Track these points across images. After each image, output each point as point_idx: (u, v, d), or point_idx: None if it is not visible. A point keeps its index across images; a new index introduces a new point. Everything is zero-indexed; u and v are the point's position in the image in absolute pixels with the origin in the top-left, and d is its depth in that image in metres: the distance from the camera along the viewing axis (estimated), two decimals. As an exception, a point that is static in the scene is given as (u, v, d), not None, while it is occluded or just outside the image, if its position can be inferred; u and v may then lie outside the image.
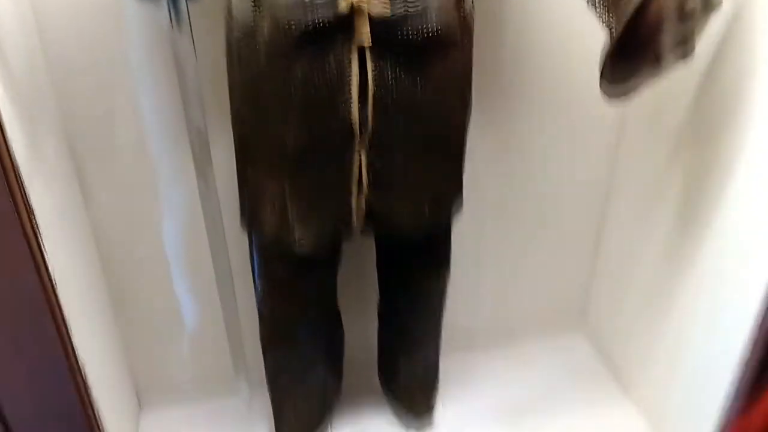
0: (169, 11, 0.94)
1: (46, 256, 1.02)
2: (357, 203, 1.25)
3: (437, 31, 1.12)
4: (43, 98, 1.28)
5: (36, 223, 1.01)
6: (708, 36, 1.17)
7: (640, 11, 1.05)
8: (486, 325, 1.96)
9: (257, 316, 1.51)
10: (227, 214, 1.36)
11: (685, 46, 1.12)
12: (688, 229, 1.46)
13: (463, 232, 1.66)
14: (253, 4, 1.11)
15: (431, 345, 1.66)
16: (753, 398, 1.24)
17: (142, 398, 1.79)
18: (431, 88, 1.17)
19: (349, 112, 1.14)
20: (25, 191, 0.98)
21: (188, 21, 0.97)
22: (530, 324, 2.00)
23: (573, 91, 1.59)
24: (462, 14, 1.19)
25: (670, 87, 1.34)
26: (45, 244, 1.02)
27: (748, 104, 1.23)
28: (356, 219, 1.27)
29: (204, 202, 1.26)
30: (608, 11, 1.13)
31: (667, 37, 1.09)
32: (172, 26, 0.97)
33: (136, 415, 1.76)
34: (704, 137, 1.38)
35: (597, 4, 1.15)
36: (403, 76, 1.14)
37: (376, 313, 1.65)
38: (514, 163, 1.70)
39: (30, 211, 0.99)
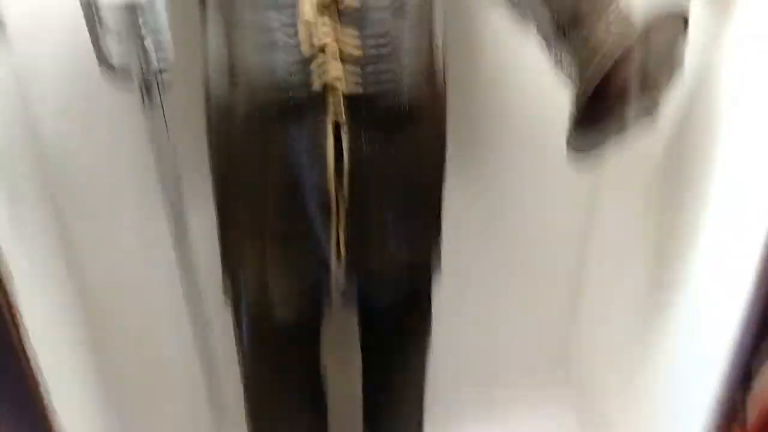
0: (142, 95, 0.98)
1: (21, 327, 1.03)
2: (336, 270, 1.26)
3: (410, 104, 1.16)
4: (26, 170, 1.32)
5: (12, 295, 1.02)
6: (674, 99, 1.20)
7: (604, 79, 1.07)
8: (468, 391, 1.95)
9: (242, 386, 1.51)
10: (211, 286, 1.38)
11: (649, 110, 1.15)
12: (661, 286, 1.48)
13: (441, 297, 1.67)
14: (229, 80, 1.15)
15: (414, 416, 1.65)
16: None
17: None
18: (405, 160, 1.21)
19: (326, 185, 1.16)
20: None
21: (161, 105, 1.00)
22: (513, 386, 1.99)
23: (549, 149, 1.58)
24: (434, 85, 1.22)
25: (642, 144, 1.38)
26: (23, 315, 1.03)
27: (711, 164, 1.26)
28: (335, 286, 1.28)
29: (183, 274, 1.27)
30: (575, 77, 1.16)
31: (632, 103, 1.11)
32: (144, 107, 1.00)
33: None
34: (673, 194, 1.41)
35: (563, 69, 1.17)
36: (377, 149, 1.17)
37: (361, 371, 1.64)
38: (492, 226, 1.73)
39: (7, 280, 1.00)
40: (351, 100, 1.11)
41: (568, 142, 1.15)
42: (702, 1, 1.21)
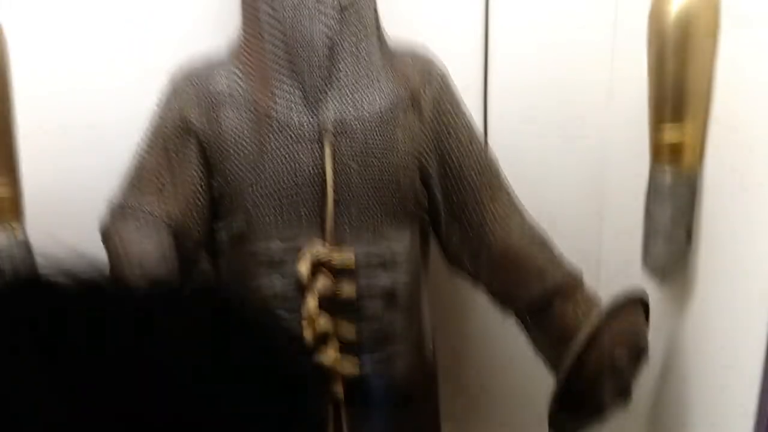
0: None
1: None
2: None
3: (404, 384, 1.27)
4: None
5: None
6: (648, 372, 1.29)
7: (578, 367, 1.17)
8: None
9: None
10: None
11: (622, 393, 1.23)
12: None
13: None
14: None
15: None
16: None
17: None
18: (402, 434, 1.29)
19: None
20: None
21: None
22: None
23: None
24: (425, 364, 1.34)
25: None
26: None
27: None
28: None
29: None
30: (553, 365, 1.26)
31: (605, 388, 1.19)
32: None
33: None
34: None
35: (541, 353, 1.30)
36: (375, 427, 1.26)
37: None
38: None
39: None
40: (349, 382, 1.22)
41: (550, 424, 1.23)
42: (661, 293, 1.34)
